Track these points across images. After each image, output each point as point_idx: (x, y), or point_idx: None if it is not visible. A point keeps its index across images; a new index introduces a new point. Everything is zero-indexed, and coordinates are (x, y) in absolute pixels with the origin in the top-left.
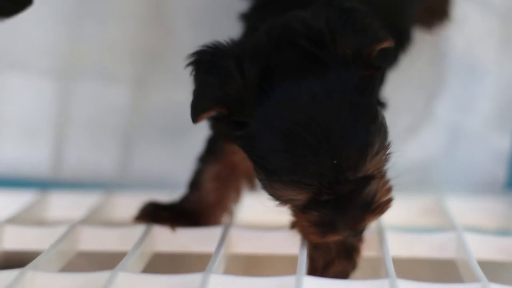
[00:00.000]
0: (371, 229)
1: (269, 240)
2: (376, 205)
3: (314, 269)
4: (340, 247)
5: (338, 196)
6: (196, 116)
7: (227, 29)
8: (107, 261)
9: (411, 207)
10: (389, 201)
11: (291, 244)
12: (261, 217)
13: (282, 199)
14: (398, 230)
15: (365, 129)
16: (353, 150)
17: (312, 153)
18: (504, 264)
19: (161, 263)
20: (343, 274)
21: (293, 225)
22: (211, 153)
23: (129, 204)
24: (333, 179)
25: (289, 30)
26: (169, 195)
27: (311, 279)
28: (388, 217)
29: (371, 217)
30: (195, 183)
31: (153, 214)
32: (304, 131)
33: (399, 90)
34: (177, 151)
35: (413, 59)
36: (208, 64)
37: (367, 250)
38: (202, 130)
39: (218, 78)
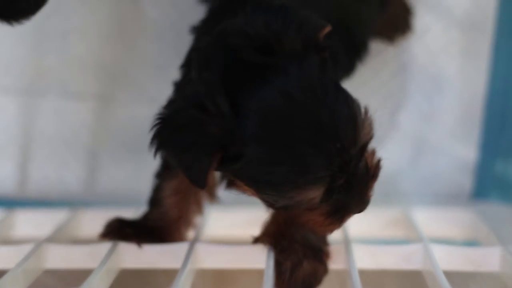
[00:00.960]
0: (337, 241)
1: (236, 254)
2: (373, 170)
3: (282, 273)
4: (306, 247)
5: (348, 175)
6: (202, 181)
7: (189, 42)
8: (74, 278)
9: (377, 218)
10: (379, 162)
11: (258, 258)
12: (228, 231)
13: (300, 203)
14: (365, 242)
15: (345, 103)
16: (346, 126)
17: (314, 147)
18: (471, 275)
19: (128, 280)
20: (315, 277)
21: (257, 240)
22: (168, 168)
23: (95, 221)
24: (342, 161)
25: (230, 47)
26: (135, 212)
27: None
28: (355, 229)
29: (373, 183)
30: (155, 200)
31: (118, 230)
32: (297, 130)
33: (363, 102)
34: (142, 167)
35: (377, 71)
36: (173, 131)
37: (334, 263)
38: None
39: (194, 134)
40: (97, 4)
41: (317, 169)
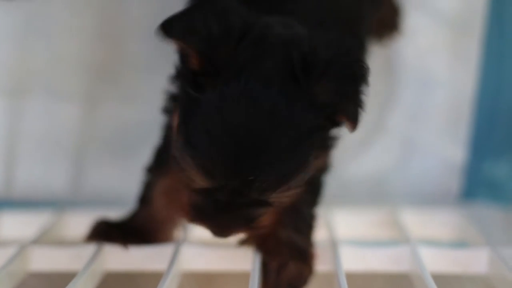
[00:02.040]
0: (324, 242)
1: (222, 256)
2: (255, 225)
3: (267, 272)
4: (292, 249)
5: (230, 202)
6: (169, 35)
7: None
8: (59, 281)
9: (364, 219)
10: (266, 227)
11: (244, 260)
12: None
13: (184, 172)
14: (352, 244)
15: (294, 166)
16: (273, 179)
17: (238, 157)
18: (459, 276)
19: (113, 282)
20: (300, 278)
21: (243, 241)
22: (160, 164)
23: (81, 222)
24: (238, 190)
25: (293, 39)
26: (121, 212)
27: None
28: (342, 230)
29: (243, 231)
30: (144, 198)
31: (104, 232)
32: (245, 135)
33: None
34: (128, 167)
35: None
36: (219, 9)
37: (322, 264)
38: (153, 147)
39: (218, 30)
40: (84, 4)
41: (217, 170)
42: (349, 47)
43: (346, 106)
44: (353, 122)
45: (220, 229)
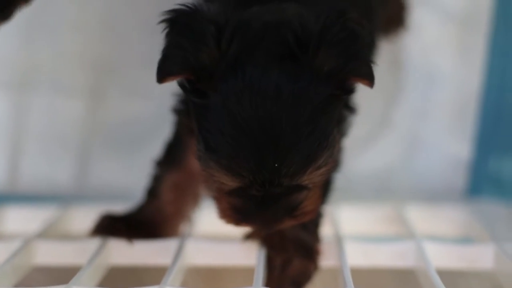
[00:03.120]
0: (329, 238)
1: (227, 251)
2: (299, 212)
3: (272, 268)
4: (298, 245)
5: (266, 195)
6: (161, 77)
7: None
8: (63, 275)
9: (370, 215)
10: (313, 211)
11: (249, 255)
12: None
13: (213, 177)
14: (357, 239)
15: (316, 144)
16: (298, 161)
17: (258, 149)
18: (464, 273)
19: (118, 276)
20: (305, 275)
21: (248, 236)
22: (171, 159)
23: (85, 217)
24: (268, 180)
25: (283, 20)
26: (126, 207)
27: None
28: (347, 226)
29: (290, 221)
30: (153, 191)
31: (109, 226)
32: (258, 125)
33: (356, 98)
34: (133, 162)
35: None
36: (184, 26)
37: (327, 260)
38: (159, 141)
39: (192, 43)
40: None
41: (243, 166)
42: (340, 10)
43: (355, 66)
44: (367, 79)
45: (267, 225)
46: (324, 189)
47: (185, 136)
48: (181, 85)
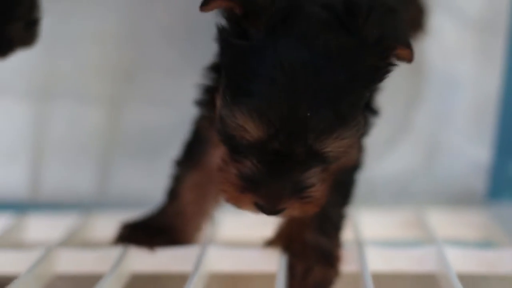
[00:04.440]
0: (350, 243)
1: (248, 257)
2: (306, 195)
3: (293, 276)
4: (319, 253)
5: (282, 159)
6: (207, 1)
7: (202, 47)
8: (85, 283)
9: (390, 220)
10: (319, 201)
11: (271, 262)
12: (240, 233)
13: (232, 129)
14: (378, 244)
15: (350, 109)
16: (329, 118)
17: (295, 93)
18: (485, 277)
19: (139, 284)
20: (326, 282)
21: (269, 243)
22: (191, 158)
23: (107, 224)
24: (295, 132)
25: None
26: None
27: None
28: (368, 231)
29: (293, 204)
30: (173, 192)
31: (130, 236)
32: (299, 73)
33: (377, 102)
34: (153, 169)
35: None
36: None
37: (348, 265)
38: (178, 148)
39: None
40: (110, 9)
41: (275, 111)
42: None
43: (400, 36)
44: (410, 49)
45: (271, 199)
46: (346, 191)
47: (204, 132)
48: (226, 17)
